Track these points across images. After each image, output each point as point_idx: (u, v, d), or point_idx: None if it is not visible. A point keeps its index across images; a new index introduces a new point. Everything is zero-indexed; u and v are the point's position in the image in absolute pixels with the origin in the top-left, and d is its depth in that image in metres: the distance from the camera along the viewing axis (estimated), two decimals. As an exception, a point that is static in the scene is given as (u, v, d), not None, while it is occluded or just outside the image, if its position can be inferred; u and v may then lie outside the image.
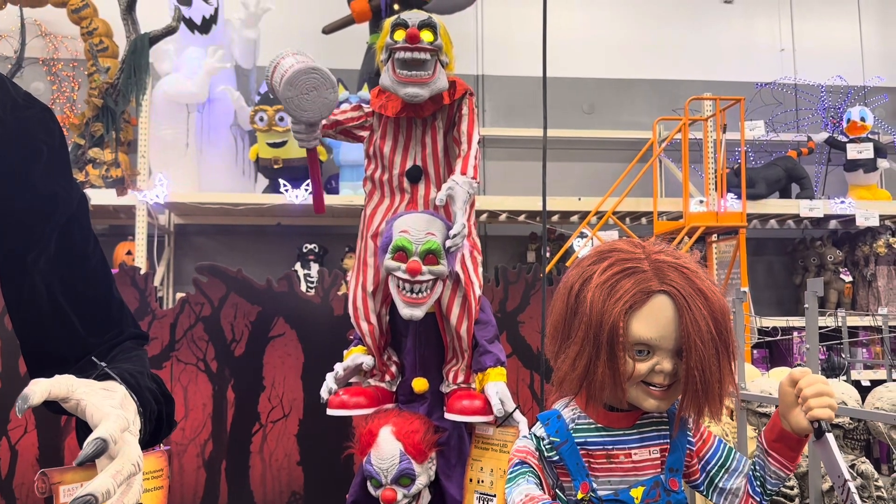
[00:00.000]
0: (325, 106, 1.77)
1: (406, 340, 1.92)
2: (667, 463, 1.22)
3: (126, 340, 1.07)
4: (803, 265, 5.35)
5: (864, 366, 4.66)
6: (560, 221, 5.17)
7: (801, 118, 5.68)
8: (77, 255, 1.03)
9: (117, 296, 1.09)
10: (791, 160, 5.20)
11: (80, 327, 1.01)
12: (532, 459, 1.22)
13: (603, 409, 1.22)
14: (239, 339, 3.26)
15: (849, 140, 5.27)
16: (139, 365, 1.02)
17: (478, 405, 1.81)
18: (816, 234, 5.53)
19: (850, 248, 5.35)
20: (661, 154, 5.02)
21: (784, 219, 5.36)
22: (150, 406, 0.92)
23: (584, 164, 5.43)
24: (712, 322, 1.11)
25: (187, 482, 3.17)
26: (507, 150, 5.37)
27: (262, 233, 5.11)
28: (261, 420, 3.24)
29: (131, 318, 1.11)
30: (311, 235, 5.04)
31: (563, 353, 1.19)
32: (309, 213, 4.81)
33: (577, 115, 5.52)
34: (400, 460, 1.72)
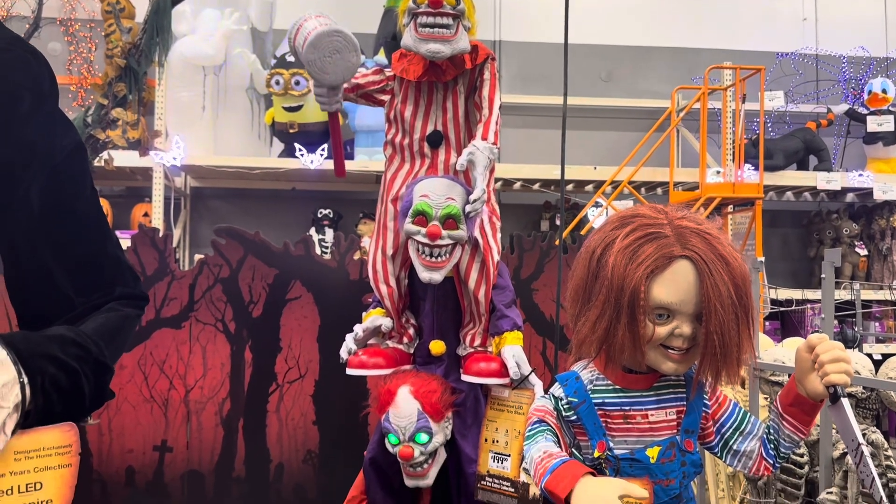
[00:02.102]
0: (347, 69, 1.78)
1: (424, 304, 1.94)
2: (682, 424, 1.24)
3: (116, 300, 1.02)
4: (818, 238, 5.33)
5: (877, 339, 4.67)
6: (575, 190, 5.17)
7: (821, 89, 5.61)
8: (64, 210, 0.97)
9: (113, 253, 1.04)
10: (810, 132, 5.15)
11: (66, 285, 0.96)
12: (550, 419, 1.25)
13: (621, 371, 1.25)
14: (256, 301, 3.30)
15: (869, 112, 5.20)
16: (97, 324, 0.96)
17: (494, 368, 1.84)
18: (833, 206, 5.50)
19: (867, 222, 5.32)
20: (678, 123, 4.98)
21: (801, 191, 5.33)
22: (46, 375, 0.86)
23: (600, 132, 5.40)
24: (733, 287, 1.13)
25: (206, 439, 3.25)
26: (523, 118, 5.34)
27: (277, 197, 5.13)
28: (277, 380, 3.30)
29: (131, 277, 1.06)
30: (326, 201, 5.06)
31: (583, 316, 1.21)
32: (324, 179, 4.83)
33: (595, 82, 5.47)
34: (417, 419, 1.76)
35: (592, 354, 1.25)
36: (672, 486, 1.22)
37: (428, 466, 1.81)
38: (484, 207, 1.85)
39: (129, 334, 1.04)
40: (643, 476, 1.18)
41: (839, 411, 1.13)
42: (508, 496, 1.79)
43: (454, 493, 1.90)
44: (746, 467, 1.28)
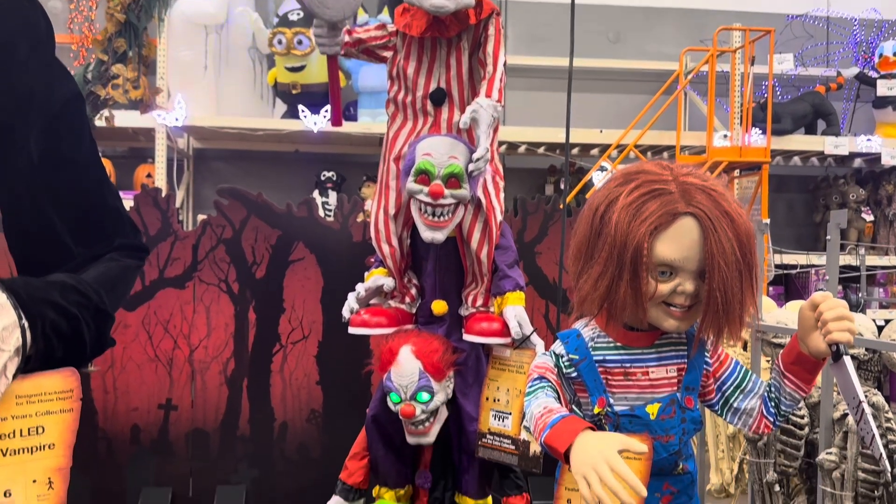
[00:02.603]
0: (348, 4, 1.74)
1: (426, 264, 1.94)
2: (683, 382, 1.24)
3: (116, 251, 1.01)
4: (824, 203, 5.29)
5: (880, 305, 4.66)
6: (580, 154, 5.12)
7: (831, 52, 5.52)
8: (64, 158, 0.96)
9: (113, 204, 1.03)
10: (819, 95, 5.08)
11: (66, 235, 0.96)
12: (551, 375, 1.25)
13: (622, 328, 1.24)
14: (260, 262, 3.30)
15: (880, 76, 5.12)
16: (97, 273, 0.96)
17: (496, 327, 1.84)
18: (840, 172, 5.45)
19: (874, 187, 5.27)
20: (686, 86, 4.92)
21: (808, 156, 5.28)
22: (46, 320, 0.86)
23: (606, 95, 5.33)
24: (737, 244, 1.12)
25: (210, 398, 3.28)
26: (528, 80, 5.27)
27: (280, 160, 5.11)
28: (281, 341, 3.32)
29: (131, 228, 1.06)
30: (330, 163, 5.03)
31: (585, 273, 1.20)
32: (327, 141, 4.80)
33: (602, 43, 5.39)
34: (419, 378, 1.77)
35: (594, 312, 1.25)
36: (671, 443, 1.23)
37: (430, 425, 1.82)
38: (487, 167, 1.83)
39: (129, 285, 1.05)
40: (642, 432, 1.19)
41: (841, 369, 1.13)
42: (509, 453, 1.80)
43: (455, 450, 1.91)
44: (747, 425, 1.28)
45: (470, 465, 1.90)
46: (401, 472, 1.91)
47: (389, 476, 1.90)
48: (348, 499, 1.91)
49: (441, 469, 1.91)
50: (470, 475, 1.90)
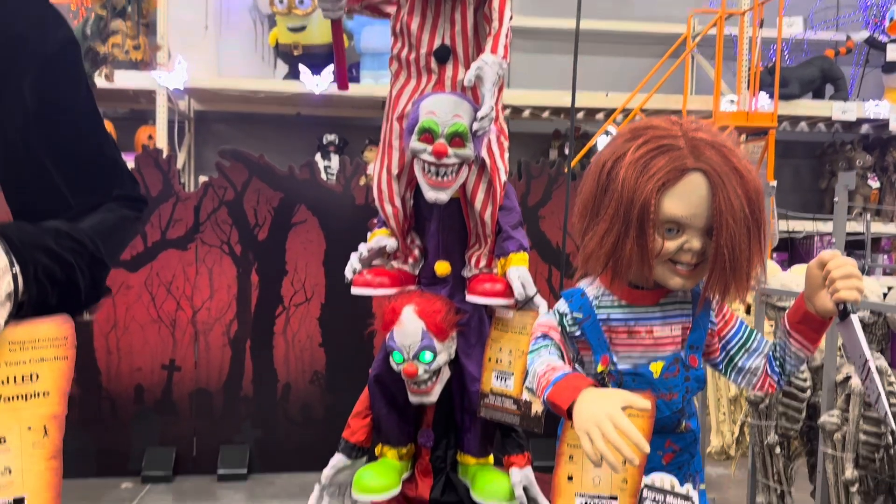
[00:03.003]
0: None
1: (430, 224, 1.92)
2: (688, 340, 1.24)
3: (113, 201, 1.00)
4: (830, 169, 5.25)
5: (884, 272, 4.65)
6: (585, 118, 5.07)
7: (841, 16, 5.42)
8: (59, 105, 0.94)
9: (111, 154, 1.01)
10: (828, 60, 5.00)
11: (62, 185, 0.95)
12: (554, 333, 1.24)
13: (627, 286, 1.23)
14: (262, 224, 3.30)
15: (890, 40, 5.04)
16: (93, 222, 0.94)
17: (499, 288, 1.83)
18: (847, 138, 5.39)
19: (881, 154, 5.22)
20: (693, 49, 4.84)
21: (815, 121, 5.22)
22: (39, 266, 0.84)
23: (613, 58, 5.25)
24: (746, 201, 1.10)
25: (213, 359, 3.30)
26: (534, 42, 5.19)
27: (281, 122, 5.06)
28: (284, 303, 3.32)
29: (128, 179, 1.04)
30: (332, 126, 4.99)
31: (591, 230, 1.18)
32: (329, 104, 4.75)
33: (609, 5, 5.29)
34: (422, 338, 1.76)
35: (599, 270, 1.23)
36: (674, 401, 1.23)
37: (432, 384, 1.82)
38: (492, 126, 1.80)
39: (126, 235, 1.03)
40: (646, 390, 1.19)
41: (848, 328, 1.12)
42: (511, 413, 1.81)
43: (457, 410, 1.92)
44: (751, 384, 1.27)
45: (472, 425, 1.90)
46: (403, 431, 1.92)
47: (392, 435, 1.91)
48: (351, 456, 1.92)
49: (443, 428, 1.92)
50: (472, 434, 1.91)
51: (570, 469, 1.21)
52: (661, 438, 1.23)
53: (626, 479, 1.17)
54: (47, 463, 0.89)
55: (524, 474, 1.83)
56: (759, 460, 2.30)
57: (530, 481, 1.83)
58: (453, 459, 1.93)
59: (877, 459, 1.84)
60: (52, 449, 0.89)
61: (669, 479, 1.17)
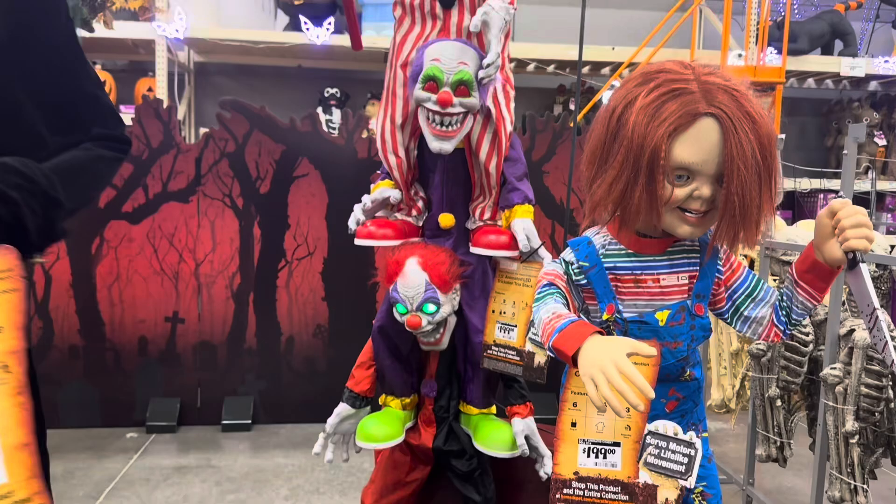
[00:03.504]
0: None
1: (434, 176, 1.89)
2: (694, 289, 1.23)
3: (91, 141, 0.96)
4: (837, 127, 5.19)
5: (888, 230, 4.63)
6: (591, 73, 5.00)
7: (854, -31, 5.29)
8: (33, 38, 0.89)
9: (91, 91, 0.97)
10: (838, 14, 4.90)
11: (37, 122, 0.90)
12: (560, 282, 1.24)
13: (635, 235, 1.22)
14: (264, 177, 3.28)
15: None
16: (59, 160, 0.89)
17: (503, 240, 1.81)
18: (855, 95, 5.32)
19: (888, 111, 5.16)
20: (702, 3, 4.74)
21: (823, 77, 5.14)
22: None
23: (620, 11, 5.15)
24: (758, 146, 1.08)
25: (217, 311, 3.31)
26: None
27: (282, 75, 5.00)
28: (286, 257, 3.32)
29: (111, 118, 0.99)
30: (333, 80, 4.92)
31: (599, 177, 1.17)
32: (331, 56, 4.67)
33: (616, -44, 5.17)
34: (425, 289, 1.75)
35: (606, 218, 1.23)
36: (679, 349, 1.23)
37: (440, 336, 1.82)
38: (498, 74, 1.76)
39: (102, 176, 0.98)
40: (651, 338, 1.18)
41: (857, 277, 1.11)
42: (514, 364, 1.81)
43: (461, 361, 1.92)
44: (756, 333, 1.27)
45: (475, 376, 1.91)
46: (406, 382, 1.92)
47: (395, 385, 1.91)
48: (355, 406, 1.93)
49: (446, 379, 1.92)
50: (474, 385, 1.91)
51: (573, 416, 1.21)
52: (665, 386, 1.23)
53: (630, 425, 1.18)
54: (13, 399, 0.85)
55: (526, 424, 1.84)
56: (760, 413, 2.32)
57: (532, 431, 1.84)
58: (456, 409, 1.94)
59: (877, 413, 1.85)
60: (16, 385, 0.85)
61: (673, 427, 1.18)
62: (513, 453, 1.83)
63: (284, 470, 2.89)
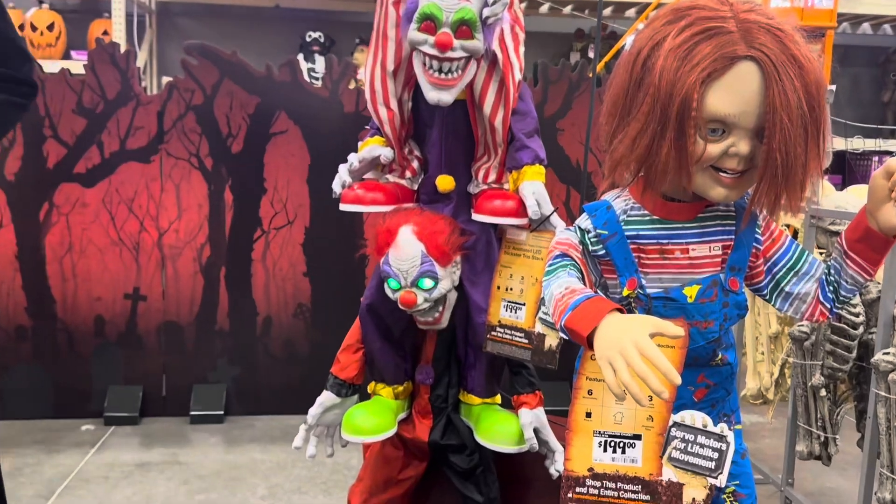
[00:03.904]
0: None
1: (431, 131, 1.89)
2: (728, 261, 1.23)
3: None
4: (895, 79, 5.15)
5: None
6: (613, 15, 4.96)
7: None
8: None
9: None
10: (899, -53, 4.85)
11: None
12: (574, 252, 1.23)
13: (661, 198, 1.22)
14: (236, 134, 3.26)
15: (975, -76, 4.86)
16: None
17: (510, 206, 1.81)
18: (918, 42, 5.28)
19: (955, 61, 5.12)
20: (742, -66, 4.69)
21: (880, 22, 5.10)
22: None
23: (647, -57, 5.09)
24: (804, 96, 1.07)
25: (183, 288, 3.31)
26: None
27: (257, 17, 4.96)
28: (263, 226, 3.32)
29: (17, 57, 1.00)
30: (316, 22, 4.88)
31: (621, 131, 1.16)
32: (314, -6, 4.64)
33: None
34: (421, 262, 1.75)
35: (629, 179, 1.22)
36: (710, 329, 1.22)
37: (439, 314, 1.83)
38: (505, 13, 1.75)
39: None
40: (678, 317, 1.18)
41: (915, 247, 1.10)
42: (521, 348, 1.82)
43: (461, 343, 1.93)
44: (799, 312, 1.27)
45: (477, 361, 1.91)
46: (399, 367, 1.93)
47: (387, 371, 1.92)
48: (341, 394, 1.94)
49: (444, 364, 1.93)
50: (476, 371, 1.92)
51: (588, 405, 1.22)
52: (693, 372, 1.23)
53: (652, 415, 1.18)
54: None
55: (535, 415, 1.85)
56: (801, 404, 2.33)
57: (542, 423, 1.85)
58: (455, 399, 1.95)
59: (935, 404, 1.86)
60: None
61: (701, 417, 1.18)
62: (520, 448, 1.84)
63: (261, 467, 2.91)
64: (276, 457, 2.99)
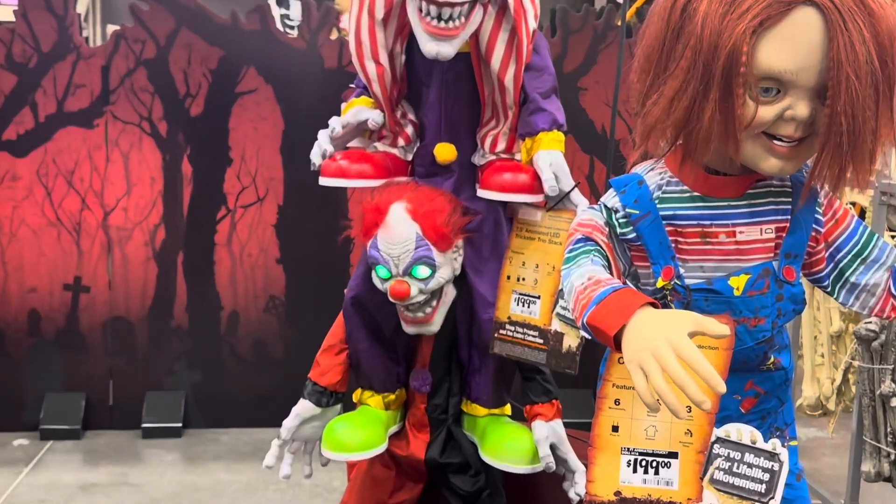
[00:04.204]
0: None
1: (428, 91, 1.90)
2: (783, 246, 1.23)
3: None
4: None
5: None
6: (645, -49, 4.96)
7: None
8: None
9: None
10: None
11: None
12: (599, 236, 1.24)
13: (703, 171, 1.22)
14: (195, 94, 3.26)
15: None
16: None
17: (523, 180, 1.82)
18: None
19: None
20: None
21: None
22: None
23: None
24: (875, 48, 1.07)
25: (134, 278, 3.32)
26: None
27: (221, -47, 4.95)
28: (228, 204, 3.32)
29: None
30: (292, -41, 4.89)
31: (655, 91, 1.16)
32: (288, -74, 4.63)
33: None
34: (416, 246, 1.76)
35: (665, 148, 1.22)
36: (761, 327, 1.23)
37: (433, 310, 1.84)
38: (517, -51, 1.75)
39: None
40: (723, 313, 1.19)
41: None
42: (535, 349, 1.82)
43: (463, 344, 1.94)
44: (867, 307, 1.28)
45: (482, 364, 1.93)
46: (390, 372, 1.94)
47: (375, 376, 1.93)
48: (321, 404, 1.95)
49: (444, 368, 1.94)
50: (482, 377, 1.93)
51: (614, 417, 1.22)
52: (740, 378, 1.24)
53: (691, 430, 1.19)
54: None
55: (551, 428, 1.86)
56: (868, 416, 2.33)
57: (559, 437, 1.86)
58: (457, 409, 1.97)
59: None
60: None
61: (749, 432, 1.18)
62: (534, 467, 1.85)
63: (227, 489, 2.93)
64: (244, 477, 3.00)
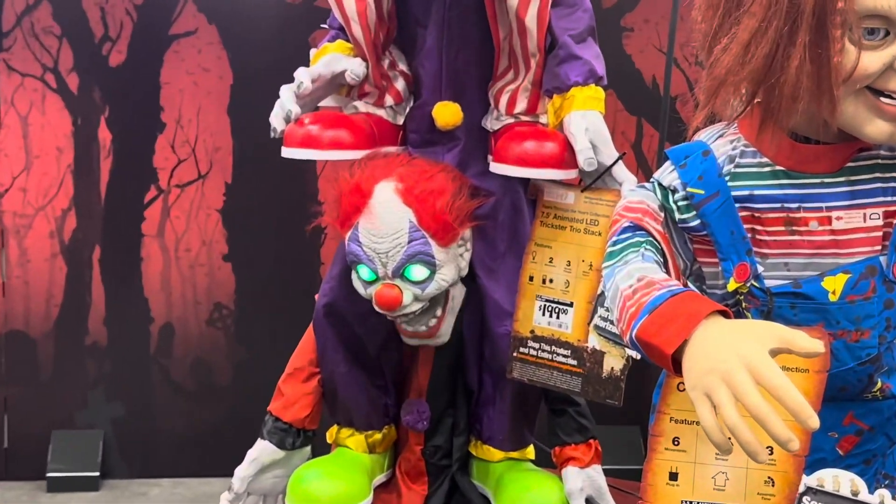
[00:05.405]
0: None
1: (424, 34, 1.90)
2: (893, 237, 1.24)
3: None
4: None
5: None
6: None
7: None
8: None
9: None
10: None
11: None
12: (651, 223, 1.25)
13: (788, 139, 1.23)
14: (116, 38, 3.27)
15: None
16: None
17: (550, 150, 1.82)
18: None
19: None
20: None
21: None
22: None
23: None
24: None
25: (35, 279, 3.33)
26: None
27: None
28: (159, 182, 3.33)
29: None
30: None
31: (726, 33, 1.18)
32: None
33: None
34: (409, 238, 1.76)
35: (738, 108, 1.23)
36: (865, 342, 1.24)
37: (437, 321, 1.84)
38: None
39: None
40: (815, 324, 1.20)
41: None
42: (567, 372, 1.83)
43: (472, 366, 1.95)
44: None
45: (497, 393, 1.94)
46: (375, 403, 1.95)
47: (356, 409, 1.94)
48: (285, 446, 1.95)
49: (446, 398, 1.95)
50: (497, 410, 1.94)
51: (673, 462, 1.23)
52: (838, 409, 1.25)
53: (774, 478, 1.19)
54: None
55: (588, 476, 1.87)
56: None
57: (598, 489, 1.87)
58: (463, 453, 1.98)
59: None
60: None
61: (850, 480, 1.19)
62: (564, 529, 1.87)
63: (159, 559, 2.94)
64: (182, 543, 3.02)
